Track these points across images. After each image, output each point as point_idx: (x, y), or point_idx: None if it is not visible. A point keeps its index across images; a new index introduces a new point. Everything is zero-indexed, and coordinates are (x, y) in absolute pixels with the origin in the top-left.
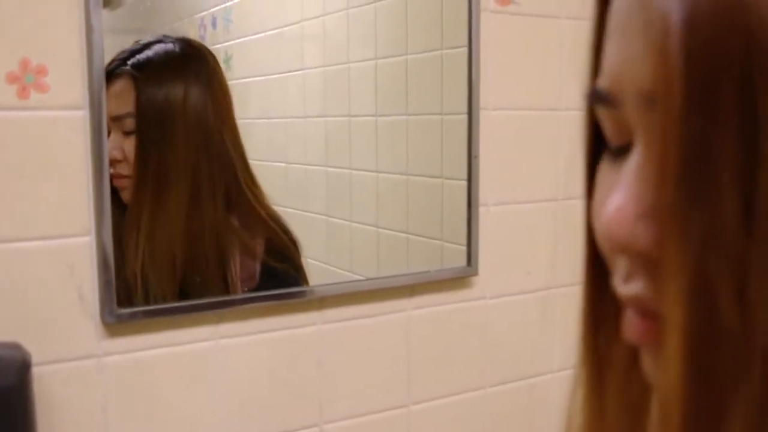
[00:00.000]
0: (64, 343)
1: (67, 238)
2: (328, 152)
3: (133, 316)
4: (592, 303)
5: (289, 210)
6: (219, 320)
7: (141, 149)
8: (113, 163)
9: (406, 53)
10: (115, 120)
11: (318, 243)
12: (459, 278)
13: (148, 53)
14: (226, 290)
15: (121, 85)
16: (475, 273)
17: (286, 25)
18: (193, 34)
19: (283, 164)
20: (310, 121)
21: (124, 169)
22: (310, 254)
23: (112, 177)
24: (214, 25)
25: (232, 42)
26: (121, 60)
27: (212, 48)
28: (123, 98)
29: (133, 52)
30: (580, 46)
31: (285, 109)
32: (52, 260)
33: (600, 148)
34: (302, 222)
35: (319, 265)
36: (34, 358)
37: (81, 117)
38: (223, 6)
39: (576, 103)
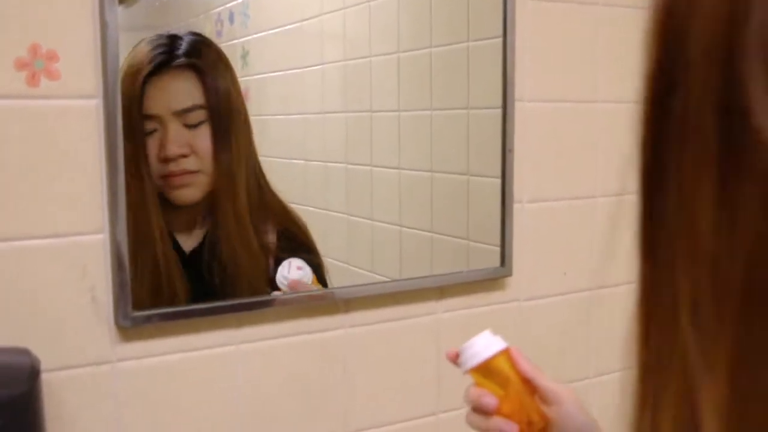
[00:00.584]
0: (76, 348)
1: (79, 236)
2: (348, 149)
3: (148, 319)
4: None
5: (309, 208)
6: (239, 324)
7: (216, 141)
8: (174, 159)
9: (430, 46)
10: (179, 114)
11: (338, 242)
12: (492, 279)
13: (193, 45)
14: (252, 291)
15: (183, 77)
16: (509, 274)
17: (304, 19)
18: (209, 30)
19: (301, 161)
20: (329, 117)
21: (193, 165)
22: (329, 254)
23: (169, 175)
24: (231, 20)
25: (249, 37)
26: (166, 53)
27: (229, 44)
28: (188, 90)
29: (172, 46)
30: (619, 35)
31: (304, 105)
32: (63, 260)
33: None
34: (322, 221)
35: (339, 265)
36: (44, 364)
37: (94, 106)
38: (240, 1)
39: (614, 94)
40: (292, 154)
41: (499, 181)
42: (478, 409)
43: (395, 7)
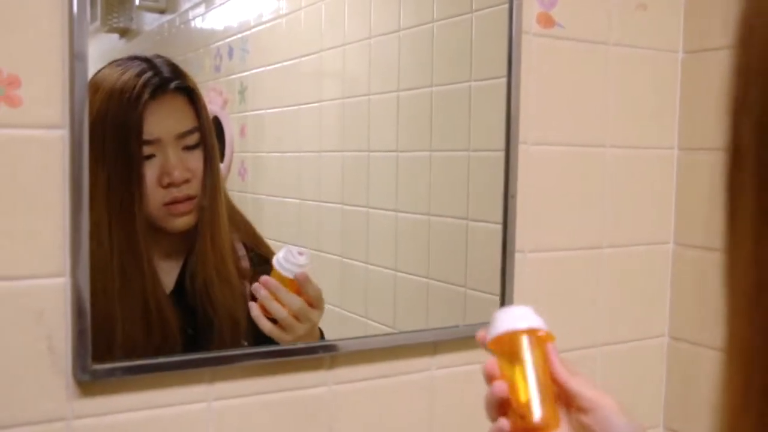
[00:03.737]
0: (27, 403)
1: (36, 279)
2: (345, 189)
3: (111, 372)
4: None
5: (302, 249)
6: (212, 379)
7: (206, 163)
8: (178, 184)
9: (431, 85)
10: (180, 137)
11: (332, 285)
12: None
13: (175, 68)
14: (233, 322)
15: (179, 100)
16: None
17: (303, 56)
18: (208, 64)
19: (296, 200)
20: (326, 155)
21: (193, 189)
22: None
23: (173, 201)
24: (230, 55)
25: (248, 73)
26: (158, 76)
27: (227, 79)
28: (185, 113)
29: (156, 69)
30: (630, 76)
31: (300, 143)
32: (17, 304)
33: None
34: (315, 262)
35: (332, 309)
36: None
37: (59, 138)
38: (239, 36)
39: (625, 139)
40: (286, 193)
41: (499, 227)
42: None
43: (396, 44)
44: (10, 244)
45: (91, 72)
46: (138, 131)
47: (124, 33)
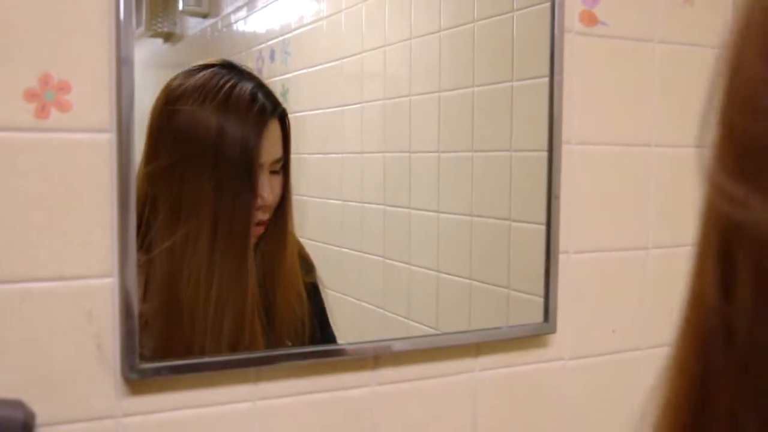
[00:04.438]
0: (77, 401)
1: (85, 280)
2: (387, 190)
3: (157, 371)
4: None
5: (344, 250)
6: (258, 378)
7: (286, 189)
8: (265, 209)
9: (473, 85)
10: (275, 162)
11: (374, 286)
12: (534, 336)
13: (269, 90)
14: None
15: (276, 125)
16: (553, 330)
17: (344, 57)
18: (250, 67)
19: (338, 202)
20: (367, 156)
21: (268, 215)
22: (364, 298)
23: (259, 224)
24: (272, 57)
25: (289, 75)
26: (268, 98)
27: (269, 81)
28: (279, 139)
29: (262, 90)
30: (676, 73)
31: (342, 145)
32: (66, 304)
33: None
34: (357, 263)
35: (374, 310)
36: (40, 419)
37: (107, 141)
38: (281, 38)
39: (671, 137)
40: (329, 194)
41: (543, 228)
42: None
43: (437, 45)
44: (61, 245)
45: (139, 76)
46: (258, 149)
47: (167, 37)
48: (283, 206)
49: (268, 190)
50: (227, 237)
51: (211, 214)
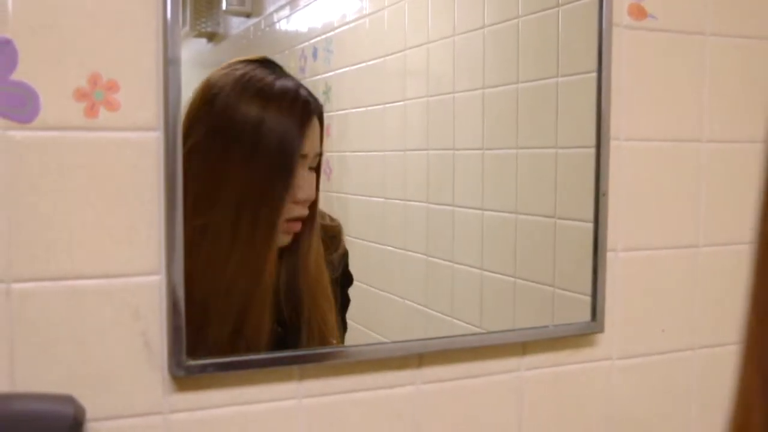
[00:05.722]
0: (125, 397)
1: (132, 277)
2: (430, 188)
3: (204, 368)
4: None
5: (387, 248)
6: (302, 376)
7: (318, 185)
8: (303, 203)
9: (517, 81)
10: (314, 157)
11: (417, 284)
12: (581, 335)
13: (309, 90)
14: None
15: (316, 124)
16: (601, 329)
17: (387, 55)
18: (293, 66)
19: (381, 199)
20: (411, 154)
21: (307, 211)
22: (407, 296)
23: (297, 219)
24: (314, 56)
25: (332, 73)
26: (311, 96)
27: (312, 80)
28: (317, 137)
29: (306, 89)
30: (729, 67)
31: (385, 142)
32: (114, 301)
33: None
34: (400, 261)
35: (417, 308)
36: (90, 414)
37: (154, 139)
38: (323, 37)
39: (722, 133)
40: (371, 192)
41: (590, 226)
42: None
43: (480, 41)
44: (109, 243)
45: (184, 75)
46: (301, 141)
47: (211, 37)
48: (315, 204)
49: (309, 184)
50: (251, 226)
51: (236, 201)
